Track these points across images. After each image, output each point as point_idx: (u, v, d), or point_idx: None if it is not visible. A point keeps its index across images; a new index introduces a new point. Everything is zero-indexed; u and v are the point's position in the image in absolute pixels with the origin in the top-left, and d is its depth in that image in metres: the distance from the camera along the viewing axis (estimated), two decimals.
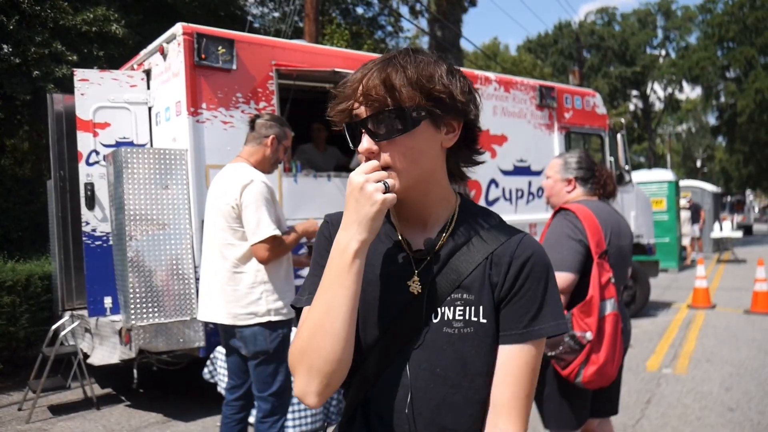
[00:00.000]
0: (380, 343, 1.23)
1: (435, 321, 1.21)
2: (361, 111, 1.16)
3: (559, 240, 2.82)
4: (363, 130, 1.17)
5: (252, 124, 3.56)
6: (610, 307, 2.73)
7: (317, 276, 1.24)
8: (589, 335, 2.66)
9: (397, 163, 1.16)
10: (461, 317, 1.20)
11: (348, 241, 1.15)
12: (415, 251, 1.24)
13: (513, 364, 1.18)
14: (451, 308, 1.20)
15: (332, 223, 1.35)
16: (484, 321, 1.20)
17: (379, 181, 1.14)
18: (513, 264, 1.20)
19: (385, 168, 1.15)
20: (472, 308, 1.20)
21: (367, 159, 1.17)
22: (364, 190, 1.13)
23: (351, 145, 1.22)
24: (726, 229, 19.24)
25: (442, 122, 1.18)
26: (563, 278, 2.73)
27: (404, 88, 1.13)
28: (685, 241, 17.69)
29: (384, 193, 1.13)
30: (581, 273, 2.76)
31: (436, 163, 1.22)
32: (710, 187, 22.62)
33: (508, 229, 1.27)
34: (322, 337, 1.15)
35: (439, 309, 1.21)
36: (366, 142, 1.16)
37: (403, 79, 1.13)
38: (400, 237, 1.27)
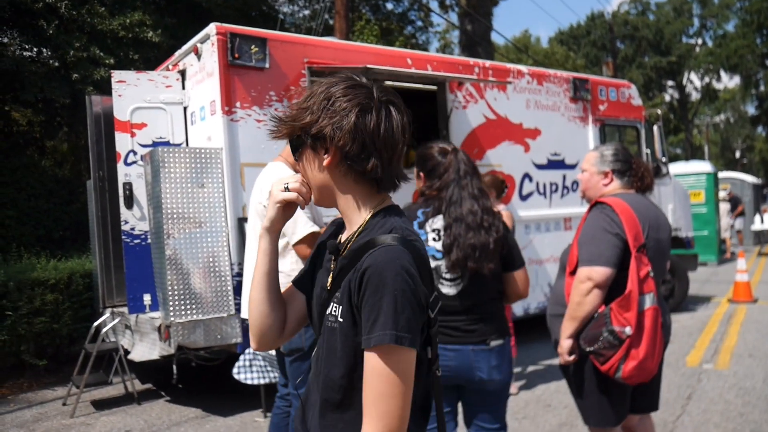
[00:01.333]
0: (314, 327, 1.52)
1: (327, 313, 1.40)
2: None
3: (596, 234, 2.78)
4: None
5: None
6: (649, 301, 2.68)
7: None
8: (628, 330, 2.62)
9: (306, 177, 1.46)
10: (334, 313, 1.37)
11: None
12: (330, 248, 1.47)
13: (368, 367, 1.28)
14: (332, 304, 1.38)
15: (334, 224, 1.62)
16: (341, 320, 1.34)
17: (285, 184, 1.44)
18: (358, 274, 1.32)
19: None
20: (340, 307, 1.35)
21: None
22: (272, 190, 1.45)
23: None
24: (767, 221, 18.78)
25: (316, 147, 1.41)
26: (600, 272, 2.70)
27: (293, 120, 1.43)
28: (725, 234, 17.32)
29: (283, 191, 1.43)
30: (619, 267, 2.72)
31: (326, 179, 1.42)
32: (750, 179, 22.09)
33: (382, 243, 1.33)
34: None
35: (331, 303, 1.39)
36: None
37: (288, 115, 1.45)
38: (339, 238, 1.52)
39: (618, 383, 2.77)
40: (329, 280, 1.43)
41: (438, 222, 2.82)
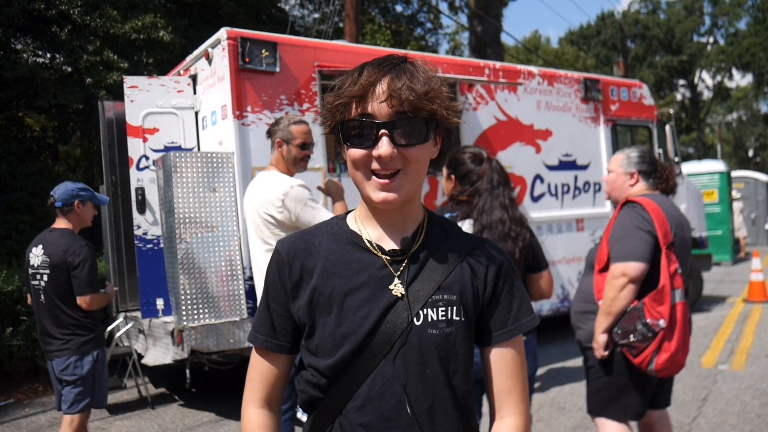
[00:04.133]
0: (360, 352, 1.22)
1: (418, 323, 1.22)
2: (382, 112, 1.17)
3: (628, 231, 2.87)
4: (383, 132, 1.17)
5: (268, 132, 3.70)
6: (678, 296, 2.79)
7: (268, 315, 1.33)
8: (662, 323, 2.73)
9: (410, 170, 1.21)
10: (444, 317, 1.24)
11: None
12: (390, 251, 1.26)
13: (507, 358, 1.29)
14: (434, 309, 1.23)
15: (292, 253, 1.32)
16: (464, 320, 1.26)
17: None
18: (490, 269, 1.30)
19: (395, 173, 1.20)
20: (453, 308, 1.24)
21: (380, 164, 1.18)
22: None
23: (346, 142, 1.22)
24: None
25: (437, 135, 1.26)
26: (635, 268, 2.78)
27: (427, 99, 1.17)
28: (738, 234, 17.17)
29: None
30: (651, 263, 2.80)
31: (425, 173, 1.28)
32: (764, 177, 21.88)
33: (469, 234, 1.38)
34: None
35: (421, 311, 1.23)
36: (389, 147, 1.16)
37: (427, 89, 1.17)
38: (367, 242, 1.28)
39: (646, 377, 2.86)
40: (397, 287, 1.24)
41: (465, 226, 2.90)
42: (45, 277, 3.75)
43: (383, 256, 1.26)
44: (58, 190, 3.84)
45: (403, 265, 1.26)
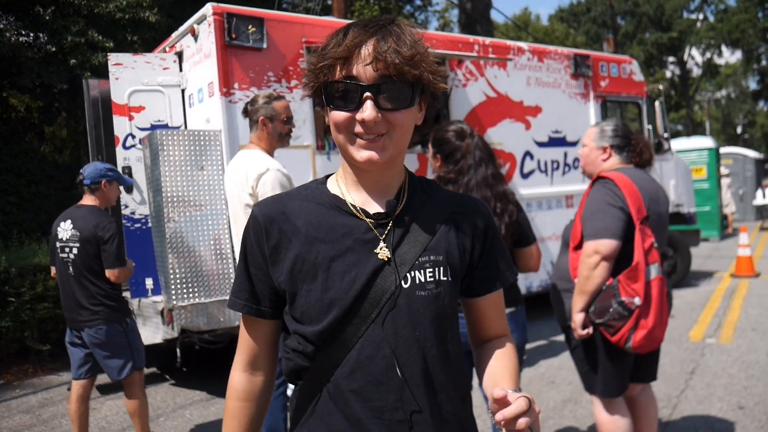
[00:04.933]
0: (348, 318, 1.20)
1: (406, 286, 1.22)
2: (367, 75, 1.14)
3: (600, 208, 2.83)
4: (367, 96, 1.14)
5: (245, 111, 3.64)
6: (654, 271, 2.76)
7: (247, 280, 1.30)
8: (637, 300, 2.70)
9: (394, 131, 1.18)
10: (432, 278, 1.24)
11: None
12: (375, 214, 1.24)
13: (499, 303, 1.42)
14: (421, 271, 1.23)
15: (269, 217, 1.29)
16: (451, 279, 1.26)
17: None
18: (477, 226, 1.33)
19: (380, 135, 1.17)
20: (441, 268, 1.25)
21: (364, 128, 1.16)
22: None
23: (329, 104, 1.19)
24: None
25: (422, 101, 1.24)
26: (607, 245, 2.75)
27: (413, 63, 1.14)
28: (726, 210, 17.28)
29: None
30: (623, 240, 2.77)
31: (410, 137, 1.25)
32: (752, 154, 22.01)
33: (451, 192, 1.39)
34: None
35: (408, 274, 1.22)
36: (373, 111, 1.14)
37: (413, 52, 1.14)
38: (351, 206, 1.26)
39: (624, 353, 2.86)
40: (383, 250, 1.21)
41: None
42: (74, 250, 3.94)
43: (368, 220, 1.24)
44: (87, 168, 4.04)
45: (388, 228, 1.24)
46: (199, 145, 4.90)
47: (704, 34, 42.35)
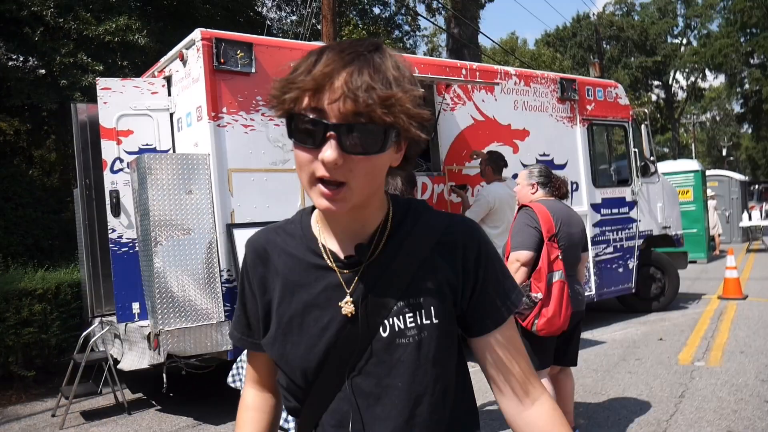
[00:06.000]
0: (322, 371, 1.14)
1: (385, 335, 1.11)
2: (335, 112, 0.99)
3: (521, 228, 3.86)
4: (331, 135, 0.99)
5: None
6: (557, 276, 3.73)
7: (243, 313, 1.28)
8: (539, 295, 3.68)
9: (355, 180, 1.03)
10: (413, 324, 1.11)
11: None
12: (345, 260, 1.14)
13: (506, 340, 1.18)
14: (400, 317, 1.11)
15: (254, 255, 1.25)
16: (436, 321, 1.12)
17: None
18: (466, 256, 1.16)
19: (338, 184, 1.02)
20: (422, 311, 1.12)
21: (326, 169, 1.01)
22: None
23: (292, 137, 1.05)
24: (755, 218, 18.91)
25: (399, 143, 1.08)
26: (524, 255, 3.78)
27: (387, 105, 0.99)
28: (713, 232, 17.41)
29: None
30: (538, 252, 3.76)
31: (383, 181, 1.12)
32: (737, 176, 22.23)
33: (441, 216, 1.20)
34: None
35: (386, 321, 1.11)
36: (335, 152, 0.99)
37: (389, 94, 0.99)
38: (322, 248, 1.16)
39: (537, 336, 3.73)
40: (348, 304, 1.12)
41: None
42: None
43: (336, 267, 1.14)
44: None
45: (359, 275, 1.13)
46: (187, 169, 4.89)
47: (688, 58, 43.02)
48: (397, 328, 1.11)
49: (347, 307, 1.12)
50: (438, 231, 1.17)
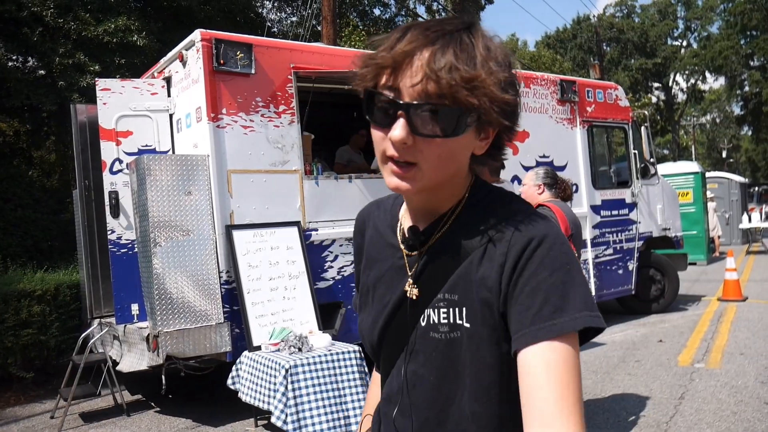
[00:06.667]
0: (381, 346, 1.16)
1: (423, 324, 1.08)
2: (411, 90, 0.95)
3: None
4: (402, 114, 0.95)
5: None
6: None
7: (357, 275, 1.30)
8: None
9: (426, 162, 0.98)
10: (446, 320, 1.05)
11: None
12: (410, 241, 1.10)
13: (533, 371, 0.93)
14: (436, 311, 1.06)
15: (355, 227, 1.32)
16: (470, 326, 1.02)
17: None
18: (510, 254, 0.99)
19: (409, 163, 0.98)
20: (456, 310, 1.04)
21: (394, 147, 0.97)
22: None
23: (368, 115, 1.01)
24: (755, 219, 18.89)
25: (483, 129, 1.02)
26: None
27: (471, 87, 0.93)
28: (713, 233, 17.40)
29: None
30: None
31: (462, 167, 1.06)
32: (737, 178, 22.22)
33: (516, 210, 1.05)
34: None
35: (427, 311, 1.07)
36: (403, 132, 0.95)
37: (474, 75, 0.93)
38: (399, 227, 1.16)
39: None
40: (410, 282, 1.10)
41: None
42: None
43: (402, 248, 1.13)
44: None
45: (417, 261, 1.10)
46: (187, 170, 4.89)
47: (688, 60, 43.06)
48: (432, 321, 1.07)
49: (412, 289, 1.10)
50: (501, 222, 1.04)
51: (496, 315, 1.01)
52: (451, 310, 1.04)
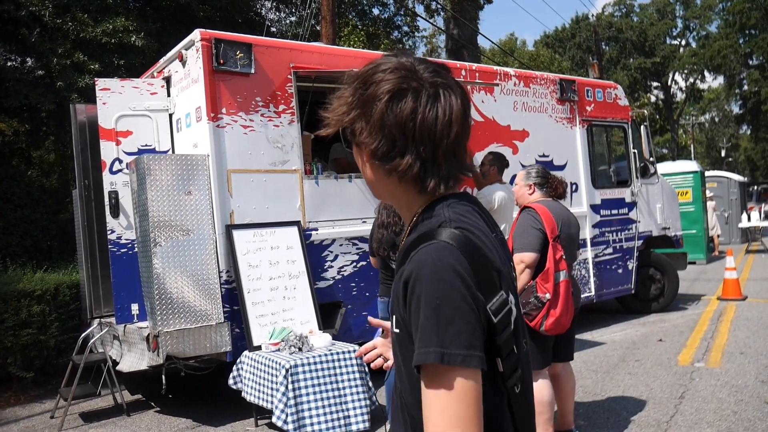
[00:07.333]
0: None
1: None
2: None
3: (525, 230, 3.87)
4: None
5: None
6: (563, 275, 3.79)
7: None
8: (547, 296, 3.73)
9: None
10: (394, 325, 1.18)
11: None
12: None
13: (423, 389, 1.05)
14: (392, 316, 1.20)
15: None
16: (397, 330, 1.15)
17: None
18: (400, 283, 1.12)
19: None
20: (393, 317, 1.17)
21: None
22: None
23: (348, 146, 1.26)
24: (754, 218, 18.89)
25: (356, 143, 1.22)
26: (529, 256, 3.80)
27: (332, 112, 1.21)
28: (713, 232, 17.41)
29: None
30: (541, 253, 3.80)
31: (371, 177, 1.23)
32: (736, 177, 22.22)
33: (424, 241, 1.11)
34: None
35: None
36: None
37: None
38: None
39: (542, 335, 3.78)
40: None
41: None
42: None
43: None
44: None
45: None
46: (186, 170, 4.88)
47: (687, 59, 43.03)
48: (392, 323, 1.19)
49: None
50: (410, 249, 1.13)
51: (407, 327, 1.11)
52: (392, 317, 1.18)
